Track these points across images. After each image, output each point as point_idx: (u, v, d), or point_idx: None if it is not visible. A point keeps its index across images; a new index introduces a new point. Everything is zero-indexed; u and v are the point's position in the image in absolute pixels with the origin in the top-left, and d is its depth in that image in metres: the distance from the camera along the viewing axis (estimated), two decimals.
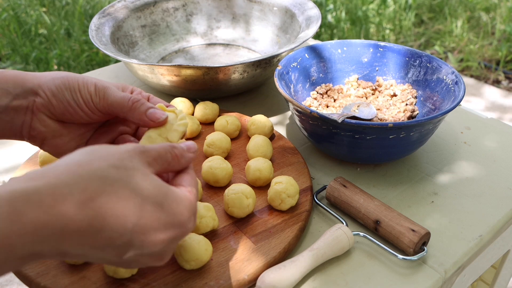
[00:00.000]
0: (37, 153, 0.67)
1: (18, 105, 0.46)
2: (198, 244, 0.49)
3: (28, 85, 0.46)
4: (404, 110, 0.72)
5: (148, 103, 0.48)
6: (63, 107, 0.47)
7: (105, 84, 0.48)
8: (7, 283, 1.36)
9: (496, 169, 0.69)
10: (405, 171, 0.68)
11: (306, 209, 0.58)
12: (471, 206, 0.62)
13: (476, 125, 0.78)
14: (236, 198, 0.55)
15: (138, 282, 0.48)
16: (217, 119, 0.72)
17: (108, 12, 0.90)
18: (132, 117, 0.47)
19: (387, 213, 0.55)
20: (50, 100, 0.47)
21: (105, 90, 0.47)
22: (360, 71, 0.79)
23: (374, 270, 0.53)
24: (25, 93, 0.46)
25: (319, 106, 0.74)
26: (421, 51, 0.75)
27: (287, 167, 0.65)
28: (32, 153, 0.72)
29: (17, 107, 0.46)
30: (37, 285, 0.48)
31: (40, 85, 0.47)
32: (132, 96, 0.48)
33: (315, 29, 0.82)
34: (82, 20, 2.45)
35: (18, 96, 0.46)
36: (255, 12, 1.00)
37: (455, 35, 2.71)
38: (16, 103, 0.46)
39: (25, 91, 0.46)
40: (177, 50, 0.99)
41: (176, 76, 0.75)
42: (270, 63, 0.78)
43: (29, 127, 0.47)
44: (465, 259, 0.55)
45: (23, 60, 2.23)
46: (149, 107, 0.47)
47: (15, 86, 0.46)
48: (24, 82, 0.47)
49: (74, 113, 0.47)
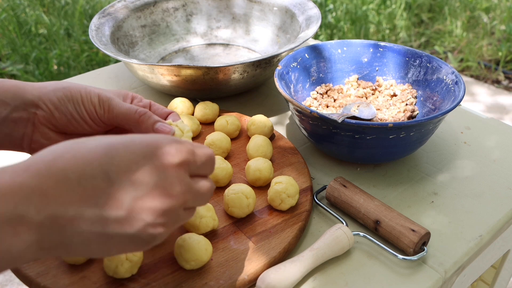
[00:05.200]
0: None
1: (18, 117, 0.45)
2: (198, 244, 0.49)
3: (28, 97, 0.46)
4: (404, 110, 0.72)
5: (154, 116, 0.47)
6: (66, 120, 0.46)
7: (108, 95, 0.48)
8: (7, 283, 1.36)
9: (496, 169, 0.69)
10: (405, 171, 0.68)
11: (306, 209, 0.58)
12: (471, 206, 0.62)
13: (476, 125, 0.78)
14: (236, 198, 0.55)
15: (138, 282, 0.48)
16: (217, 119, 0.72)
17: (108, 12, 0.90)
18: (139, 131, 0.47)
19: (387, 213, 0.55)
20: (53, 112, 0.46)
21: (110, 102, 0.47)
22: (360, 71, 0.79)
23: (374, 270, 0.53)
24: (25, 105, 0.45)
25: (319, 106, 0.74)
26: (421, 51, 0.75)
27: (287, 167, 0.65)
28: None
29: (16, 119, 0.45)
30: (37, 285, 0.48)
31: (41, 97, 0.46)
32: (138, 109, 0.47)
33: (315, 29, 0.82)
34: (82, 20, 2.45)
35: (17, 107, 0.45)
36: (255, 12, 1.00)
37: (455, 35, 2.71)
38: (15, 115, 0.45)
39: (24, 103, 0.45)
40: (177, 50, 0.99)
41: (176, 76, 0.75)
42: (270, 63, 0.79)
43: (30, 139, 0.47)
44: (465, 259, 0.55)
45: (23, 60, 2.22)
46: (156, 120, 0.47)
47: (15, 97, 0.45)
48: (24, 93, 0.46)
49: (78, 126, 0.47)
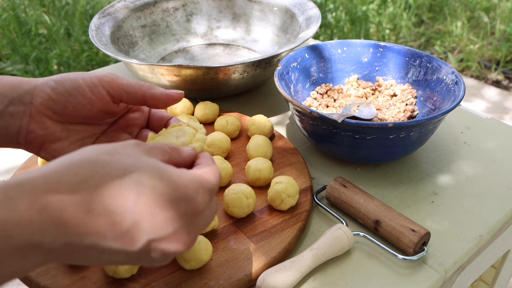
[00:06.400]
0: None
1: (14, 110, 0.45)
2: (198, 244, 0.49)
3: (24, 87, 0.45)
4: (404, 110, 0.72)
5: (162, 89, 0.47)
6: (64, 99, 0.45)
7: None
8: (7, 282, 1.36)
9: (496, 169, 0.69)
10: (405, 171, 0.68)
11: (306, 209, 0.58)
12: (471, 206, 0.62)
13: (476, 125, 0.78)
14: (236, 198, 0.55)
15: (138, 282, 0.48)
16: (217, 119, 0.72)
17: (108, 12, 0.90)
18: (152, 95, 0.46)
19: (387, 213, 0.55)
20: (49, 95, 0.45)
21: (114, 75, 0.46)
22: (360, 71, 0.79)
23: (374, 270, 0.53)
24: (21, 97, 0.45)
25: (319, 106, 0.74)
26: (421, 51, 0.75)
27: (287, 167, 0.65)
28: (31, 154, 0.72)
29: (13, 113, 0.45)
30: (37, 285, 0.48)
31: (37, 85, 0.45)
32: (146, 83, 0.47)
33: (315, 29, 0.82)
34: (83, 20, 2.45)
35: (14, 100, 0.45)
36: (255, 12, 1.00)
37: (455, 35, 2.71)
38: (12, 109, 0.45)
39: (21, 94, 0.45)
40: (177, 50, 0.99)
41: (176, 76, 0.75)
42: (270, 63, 0.79)
43: (26, 131, 0.45)
44: (465, 259, 0.55)
45: (23, 60, 2.22)
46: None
47: (12, 89, 0.45)
48: (20, 84, 0.45)
49: (76, 103, 0.45)
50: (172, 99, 0.47)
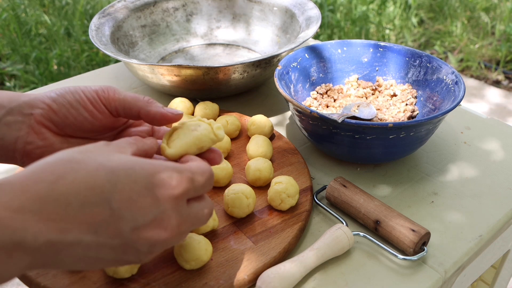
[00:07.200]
0: None
1: (12, 120, 0.44)
2: (198, 244, 0.49)
3: (24, 98, 0.44)
4: (404, 110, 0.72)
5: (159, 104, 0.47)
6: (65, 110, 0.45)
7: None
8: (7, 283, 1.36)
9: (496, 169, 0.69)
10: (405, 171, 0.68)
11: (306, 209, 0.58)
12: (471, 206, 0.62)
13: (476, 125, 0.78)
14: (236, 198, 0.55)
15: (138, 282, 0.48)
16: (217, 119, 0.72)
17: (108, 12, 0.90)
18: (147, 112, 0.45)
19: (387, 213, 0.55)
20: (50, 106, 0.44)
21: (113, 88, 0.46)
22: (360, 71, 0.79)
23: (374, 270, 0.53)
24: (20, 107, 0.44)
25: (319, 106, 0.74)
26: (421, 51, 0.75)
27: (287, 167, 0.65)
28: None
29: (10, 123, 0.44)
30: (37, 285, 0.48)
31: (37, 97, 0.45)
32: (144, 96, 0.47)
33: (315, 29, 0.82)
34: (83, 20, 2.46)
35: (12, 110, 0.44)
36: (255, 12, 1.00)
37: (455, 35, 2.71)
38: (9, 119, 0.44)
39: (20, 105, 0.44)
40: (177, 50, 0.99)
41: (176, 76, 0.75)
42: (270, 63, 0.79)
43: (24, 142, 0.44)
44: (465, 259, 0.55)
45: (23, 60, 2.22)
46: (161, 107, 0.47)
47: (10, 100, 0.44)
48: (19, 96, 0.45)
49: (77, 115, 0.45)
50: (166, 119, 0.46)
